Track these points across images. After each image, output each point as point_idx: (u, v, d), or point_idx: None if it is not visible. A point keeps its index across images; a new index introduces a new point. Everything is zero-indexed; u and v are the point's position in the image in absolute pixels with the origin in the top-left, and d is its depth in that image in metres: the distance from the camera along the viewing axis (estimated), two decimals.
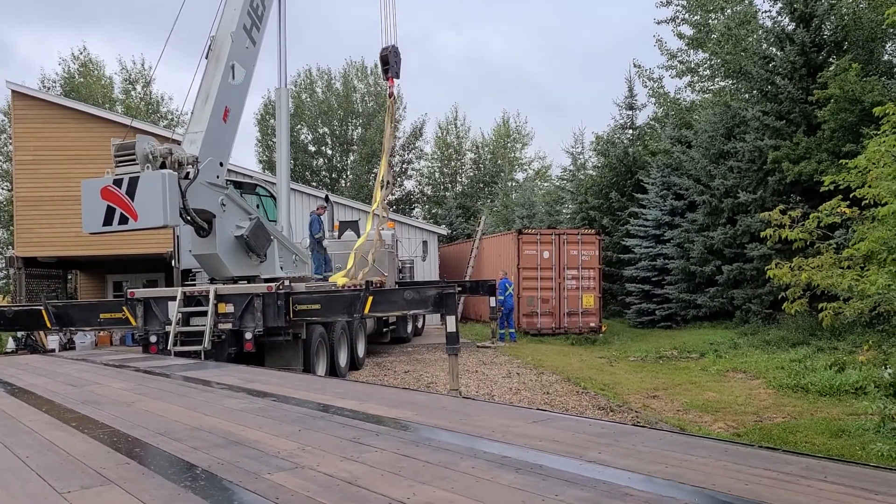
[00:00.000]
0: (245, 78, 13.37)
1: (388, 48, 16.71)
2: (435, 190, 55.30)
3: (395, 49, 16.76)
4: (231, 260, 12.42)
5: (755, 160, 21.86)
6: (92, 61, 47.41)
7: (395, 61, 16.76)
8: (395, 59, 16.77)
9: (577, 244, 23.35)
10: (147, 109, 46.38)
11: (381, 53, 16.87)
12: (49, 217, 22.80)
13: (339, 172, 52.88)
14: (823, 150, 19.02)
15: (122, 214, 10.70)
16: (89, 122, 23.48)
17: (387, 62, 16.77)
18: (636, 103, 33.60)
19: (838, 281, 7.64)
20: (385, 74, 17.19)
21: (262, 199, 17.98)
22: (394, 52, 16.73)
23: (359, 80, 52.59)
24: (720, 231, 22.81)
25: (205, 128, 12.12)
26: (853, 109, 17.96)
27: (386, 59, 16.76)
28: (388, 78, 17.07)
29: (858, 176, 8.20)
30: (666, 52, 29.36)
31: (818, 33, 20.64)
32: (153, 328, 12.09)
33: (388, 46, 16.73)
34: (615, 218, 30.48)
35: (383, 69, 17.10)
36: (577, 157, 38.29)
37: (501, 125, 56.22)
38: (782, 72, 21.15)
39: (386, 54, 16.73)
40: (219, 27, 13.19)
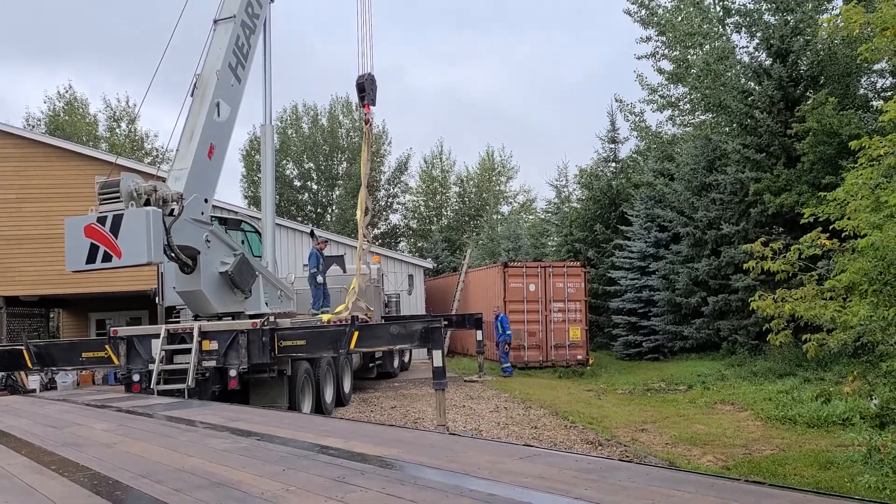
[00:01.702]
0: (230, 115, 13.43)
1: (365, 76, 16.92)
2: (420, 223, 55.44)
3: (371, 77, 16.98)
4: (216, 296, 12.34)
5: (737, 192, 22.13)
6: (77, 99, 47.53)
7: (370, 89, 16.98)
8: (371, 86, 16.99)
9: (562, 276, 23.42)
10: (132, 147, 46.41)
11: (357, 81, 17.06)
12: (31, 255, 22.60)
13: (325, 207, 52.96)
14: (803, 182, 19.30)
15: (105, 252, 10.62)
16: (73, 160, 23.42)
17: (363, 90, 16.97)
18: (618, 137, 34.09)
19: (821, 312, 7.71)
20: (361, 102, 17.40)
21: (246, 235, 17.93)
22: (370, 80, 16.94)
23: (344, 115, 53.00)
24: (704, 262, 22.98)
25: (189, 164, 12.12)
26: (831, 142, 18.28)
27: (362, 87, 16.96)
28: (364, 105, 17.28)
29: (837, 208, 8.32)
30: (646, 86, 29.89)
31: (795, 68, 21.08)
32: (136, 367, 11.93)
33: (364, 74, 16.94)
34: (600, 250, 30.66)
35: (360, 96, 17.29)
36: (562, 190, 38.68)
37: (486, 158, 56.72)
38: (761, 105, 21.54)
39: (362, 82, 16.94)
40: (204, 65, 13.28)
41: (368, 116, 17.40)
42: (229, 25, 13.62)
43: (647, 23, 28.97)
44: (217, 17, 13.87)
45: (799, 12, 21.15)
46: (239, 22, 13.77)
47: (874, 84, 22.89)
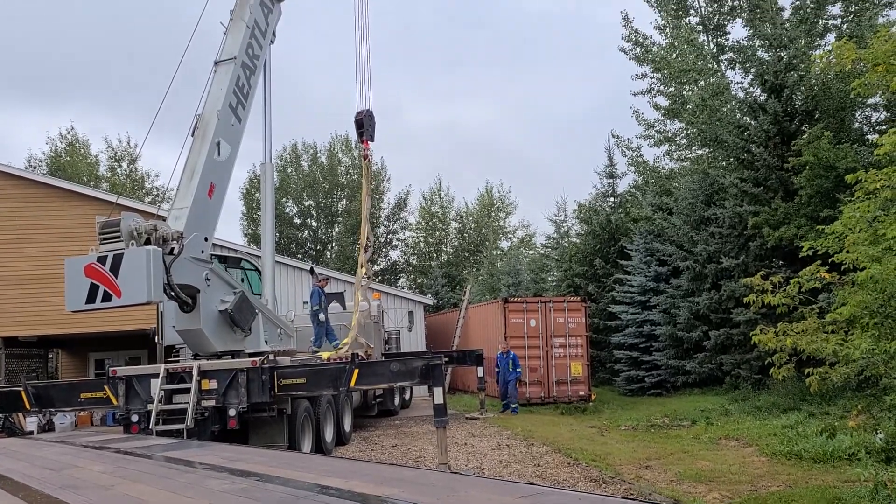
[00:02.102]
0: (230, 154, 13.54)
1: (363, 112, 17.10)
2: (420, 260, 55.48)
3: (369, 113, 17.15)
4: (215, 335, 12.30)
5: (736, 226, 22.20)
6: (78, 140, 47.95)
7: (369, 124, 17.14)
8: (370, 122, 17.16)
9: (563, 311, 23.36)
10: (133, 186, 46.68)
11: (356, 117, 17.23)
12: (31, 296, 22.58)
13: (325, 244, 53.06)
14: (802, 216, 19.37)
15: (105, 292, 10.62)
16: (74, 200, 23.55)
17: (361, 125, 17.13)
18: (616, 172, 34.27)
19: (823, 346, 7.68)
20: (360, 137, 17.54)
21: (246, 273, 17.95)
22: (368, 116, 17.11)
23: (343, 153, 53.40)
24: (705, 296, 22.94)
25: (190, 203, 12.19)
26: (828, 176, 18.39)
27: (361, 123, 17.12)
28: (363, 140, 17.41)
29: (836, 241, 8.34)
30: (643, 122, 30.15)
31: (790, 103, 21.30)
32: (135, 407, 11.84)
33: (362, 111, 17.11)
34: (600, 285, 30.63)
35: (358, 132, 17.43)
36: (561, 224, 38.76)
37: (485, 194, 56.99)
38: (757, 140, 21.72)
39: (361, 118, 17.10)
40: (205, 106, 13.43)
41: (367, 152, 17.55)
42: (230, 66, 13.81)
43: (642, 60, 29.35)
44: (218, 59, 14.07)
45: (792, 48, 21.43)
46: (240, 63, 13.96)
47: (868, 118, 23.12)
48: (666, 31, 28.50)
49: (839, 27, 23.94)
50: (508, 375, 21.11)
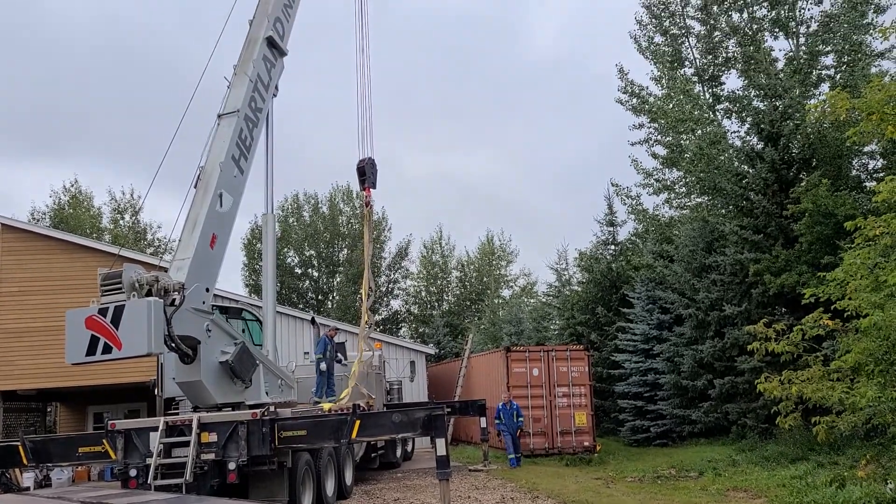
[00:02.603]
0: (232, 205, 13.64)
1: (365, 160, 17.25)
2: (421, 309, 55.35)
3: (371, 161, 17.31)
4: (216, 387, 12.20)
5: (737, 273, 22.19)
6: (81, 192, 48.39)
7: (371, 172, 17.27)
8: (372, 170, 17.30)
9: (566, 360, 23.19)
10: (135, 238, 46.92)
11: (358, 165, 17.37)
12: (31, 349, 22.48)
13: (326, 294, 53.03)
14: (803, 263, 19.38)
15: (105, 344, 10.59)
16: (77, 253, 23.65)
17: (363, 173, 17.26)
18: (616, 220, 34.36)
19: (829, 394, 7.61)
20: (362, 185, 17.63)
21: (247, 324, 17.91)
22: (370, 164, 17.26)
23: (344, 202, 53.79)
24: (708, 344, 22.79)
25: (192, 255, 12.23)
26: (827, 223, 18.46)
27: (363, 171, 17.26)
28: (365, 188, 17.51)
29: (838, 288, 8.34)
30: (642, 170, 30.42)
31: (787, 151, 21.51)
32: (133, 461, 11.68)
33: (364, 158, 17.28)
34: (603, 333, 30.47)
35: (360, 180, 17.54)
36: (562, 273, 38.75)
37: (486, 243, 57.15)
38: (755, 188, 21.87)
39: (363, 166, 17.25)
40: (208, 158, 13.58)
41: (369, 199, 17.65)
42: (233, 119, 14.00)
43: (639, 110, 29.81)
44: (221, 112, 14.28)
45: (787, 98, 21.75)
46: (242, 116, 14.16)
47: (865, 165, 23.31)
48: (662, 82, 28.98)
49: (832, 77, 24.35)
50: (513, 427, 20.75)
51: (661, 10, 29.39)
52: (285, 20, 15.96)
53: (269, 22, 15.23)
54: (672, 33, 29.34)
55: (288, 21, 16.08)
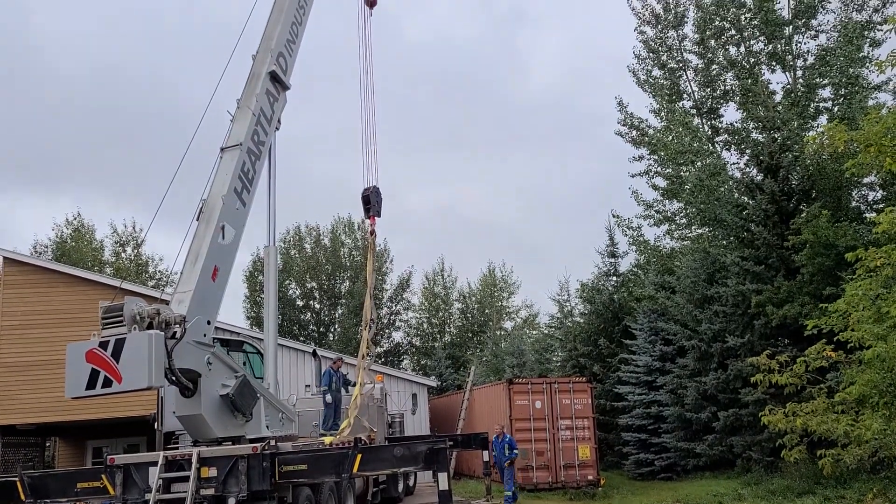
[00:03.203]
0: (234, 238, 13.65)
1: (370, 188, 17.28)
2: (423, 341, 55.14)
3: (376, 189, 17.33)
4: (216, 420, 12.10)
5: (739, 304, 22.13)
6: (84, 225, 48.55)
7: (376, 200, 17.28)
8: (377, 198, 17.31)
9: (568, 393, 23.03)
10: (137, 270, 46.97)
11: (363, 193, 17.38)
12: (31, 383, 22.37)
13: (327, 326, 52.89)
14: (805, 294, 19.34)
15: (106, 377, 10.53)
16: (78, 286, 23.63)
17: (368, 201, 17.27)
18: (618, 251, 34.35)
19: (834, 426, 7.55)
20: (367, 213, 17.62)
21: (248, 356, 17.83)
22: (375, 192, 17.28)
23: (346, 234, 53.90)
24: (712, 376, 22.64)
25: (193, 287, 12.21)
26: (828, 254, 18.48)
27: (367, 199, 17.26)
28: (370, 216, 17.49)
29: (840, 319, 8.32)
30: (642, 202, 30.48)
31: (786, 183, 21.61)
32: (132, 497, 11.54)
33: (369, 187, 17.30)
34: (606, 365, 30.29)
35: (365, 208, 17.53)
36: (564, 304, 38.64)
37: (488, 274, 57.09)
38: (756, 219, 21.92)
39: (367, 194, 17.26)
40: (210, 191, 13.63)
41: (374, 228, 17.65)
42: (235, 152, 14.07)
43: (639, 142, 29.99)
44: (224, 145, 14.36)
45: (785, 130, 21.91)
46: (245, 149, 14.23)
47: (865, 196, 23.38)
48: (661, 114, 29.21)
49: (830, 109, 24.53)
50: (504, 460, 20.27)
51: (659, 44, 29.73)
52: (288, 55, 16.13)
53: (272, 57, 15.40)
54: (670, 67, 29.63)
55: (291, 56, 16.26)
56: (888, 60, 9.28)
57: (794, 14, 25.67)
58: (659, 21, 29.48)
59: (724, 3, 26.84)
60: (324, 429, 16.19)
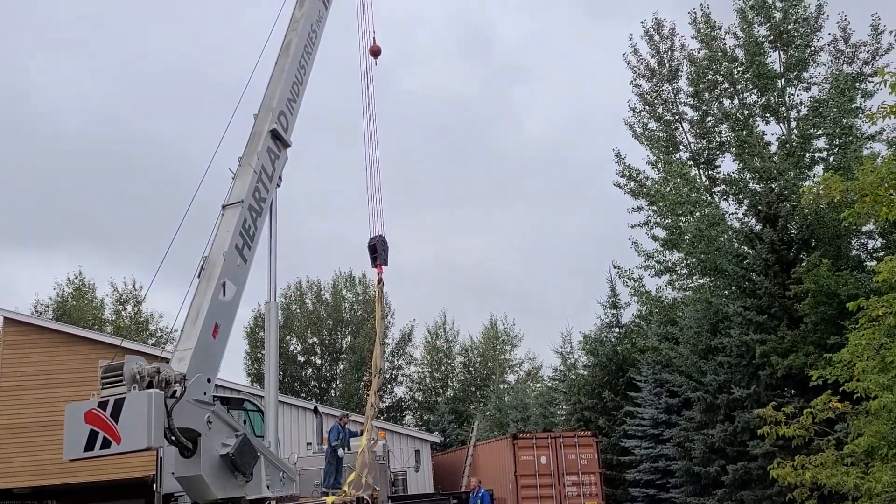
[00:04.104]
0: (235, 294, 13.63)
1: (376, 237, 17.30)
2: (426, 396, 54.53)
3: (382, 238, 17.35)
4: (216, 481, 11.88)
5: (743, 355, 21.97)
6: (85, 284, 48.57)
7: (382, 249, 17.28)
8: (383, 247, 17.31)
9: (574, 447, 22.70)
10: (137, 328, 46.80)
11: (369, 242, 17.39)
12: (29, 445, 22.02)
13: (329, 382, 52.41)
14: (809, 343, 19.23)
15: (104, 438, 10.38)
16: (78, 345, 23.48)
17: (375, 250, 17.26)
18: (619, 302, 34.27)
19: (844, 479, 7.41)
20: (373, 262, 17.59)
21: (249, 414, 17.64)
22: (381, 241, 17.29)
23: (347, 289, 53.84)
24: (719, 428, 22.33)
25: (194, 345, 12.14)
26: (831, 303, 18.43)
27: (374, 248, 17.26)
28: (377, 265, 17.47)
29: (845, 369, 8.26)
30: (642, 252, 30.56)
31: (785, 232, 21.70)
32: None
33: (375, 236, 17.33)
34: (611, 418, 29.91)
35: (372, 257, 17.51)
36: (567, 356, 38.35)
37: (490, 327, 56.80)
38: (757, 269, 21.94)
39: (374, 243, 17.28)
40: (211, 248, 13.69)
41: (381, 276, 17.61)
42: (237, 210, 14.17)
43: (637, 193, 30.23)
44: (225, 203, 14.47)
45: (782, 180, 22.11)
46: (246, 206, 14.33)
47: (865, 245, 23.46)
48: (658, 166, 29.53)
49: (826, 159, 24.81)
50: None
51: (654, 97, 30.25)
52: (289, 113, 16.38)
53: (273, 116, 15.63)
54: (666, 119, 30.09)
55: (292, 114, 16.50)
56: (879, 112, 9.44)
57: (786, 67, 26.20)
58: (654, 74, 30.06)
59: (716, 57, 27.42)
60: (325, 486, 15.89)
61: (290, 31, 16.50)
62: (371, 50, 18.86)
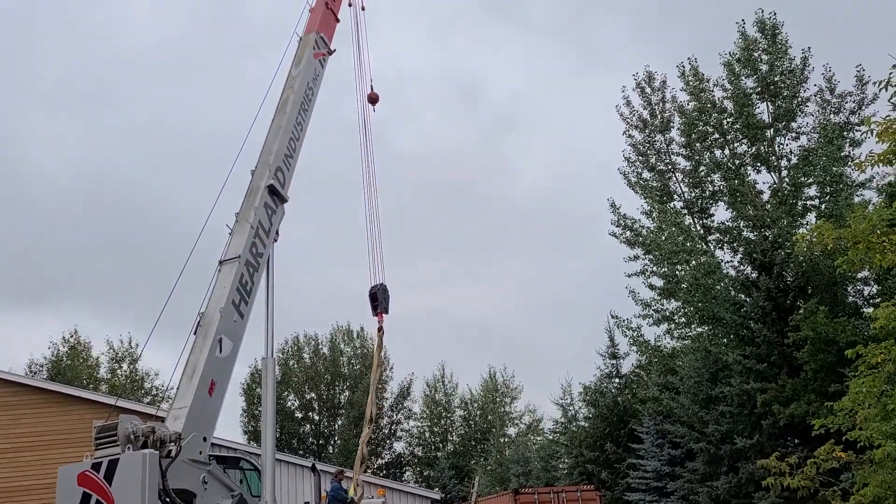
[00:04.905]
0: (232, 350, 13.51)
1: (377, 286, 17.22)
2: (426, 451, 53.65)
3: (383, 287, 17.26)
4: None
5: (745, 404, 21.77)
6: (80, 342, 48.20)
7: (383, 298, 17.18)
8: (384, 295, 17.21)
9: (577, 502, 22.26)
10: (132, 387, 46.31)
11: (370, 291, 17.31)
12: None
13: (327, 438, 51.64)
14: (810, 391, 19.10)
15: (97, 501, 10.17)
16: (73, 405, 23.14)
17: (376, 298, 17.17)
18: (618, 352, 34.04)
19: None
20: (374, 311, 17.47)
21: (245, 473, 17.28)
22: (382, 290, 17.20)
23: (345, 343, 53.47)
24: (723, 480, 21.97)
25: (190, 403, 11.98)
26: (830, 350, 18.37)
27: (375, 296, 17.17)
28: (377, 313, 17.35)
29: (847, 418, 8.19)
30: (640, 301, 30.50)
31: (781, 279, 21.74)
32: None
33: (376, 285, 17.26)
34: (613, 471, 29.41)
35: (372, 305, 17.41)
36: (568, 408, 37.90)
37: (489, 380, 56.24)
38: (754, 316, 21.91)
39: (375, 292, 17.20)
40: (208, 304, 13.64)
41: (382, 324, 17.50)
42: (234, 265, 14.16)
43: (633, 243, 30.33)
44: (222, 258, 14.49)
45: (776, 228, 22.25)
46: (243, 262, 14.33)
47: (861, 291, 23.48)
48: (653, 215, 29.72)
49: (818, 207, 25.02)
50: None
51: (647, 147, 30.63)
52: (286, 169, 16.50)
53: (270, 172, 15.75)
54: (659, 169, 30.39)
55: (289, 170, 16.63)
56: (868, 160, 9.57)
57: (774, 118, 26.63)
58: (646, 125, 30.50)
59: (706, 108, 27.88)
60: None
61: (286, 89, 16.75)
62: (369, 97, 19.09)
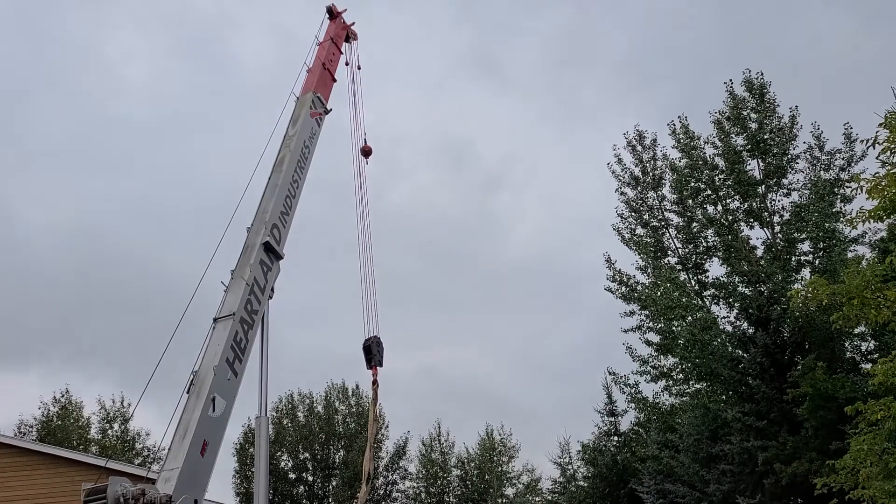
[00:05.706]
0: (225, 409, 13.34)
1: (371, 339, 17.06)
2: None
3: (377, 339, 17.10)
4: None
5: (746, 462, 21.45)
6: (71, 402, 47.50)
7: (377, 350, 17.02)
8: (378, 348, 17.05)
9: None
10: (123, 447, 45.48)
11: (364, 344, 17.15)
12: None
13: (321, 500, 50.49)
14: (811, 449, 18.85)
15: None
16: (62, 467, 22.65)
17: (370, 352, 16.99)
18: (617, 409, 33.69)
19: None
20: (368, 364, 17.27)
21: None
22: (376, 343, 17.04)
23: (340, 401, 52.80)
24: None
25: (181, 464, 11.78)
26: (830, 406, 18.21)
27: (369, 349, 17.00)
28: (372, 366, 17.15)
29: (849, 476, 8.07)
30: (637, 358, 30.30)
31: (778, 335, 21.69)
32: None
33: (370, 337, 17.10)
34: None
35: (367, 359, 17.22)
36: (566, 467, 37.27)
37: (486, 438, 55.34)
38: (752, 373, 21.76)
39: (369, 344, 17.03)
40: (202, 362, 13.51)
41: (376, 377, 17.31)
42: (228, 322, 14.09)
43: (629, 298, 30.29)
44: (217, 316, 14.40)
45: (770, 283, 22.29)
46: (238, 319, 14.28)
47: (858, 347, 23.38)
48: (647, 271, 29.77)
49: (812, 262, 25.12)
50: None
51: (640, 204, 30.88)
52: (282, 226, 16.60)
53: (266, 229, 15.83)
54: (652, 225, 30.59)
55: (284, 227, 16.73)
56: (858, 216, 9.69)
57: (765, 174, 26.96)
58: (638, 182, 30.81)
59: (697, 165, 28.24)
60: None
61: (283, 148, 16.99)
62: (363, 150, 19.39)
